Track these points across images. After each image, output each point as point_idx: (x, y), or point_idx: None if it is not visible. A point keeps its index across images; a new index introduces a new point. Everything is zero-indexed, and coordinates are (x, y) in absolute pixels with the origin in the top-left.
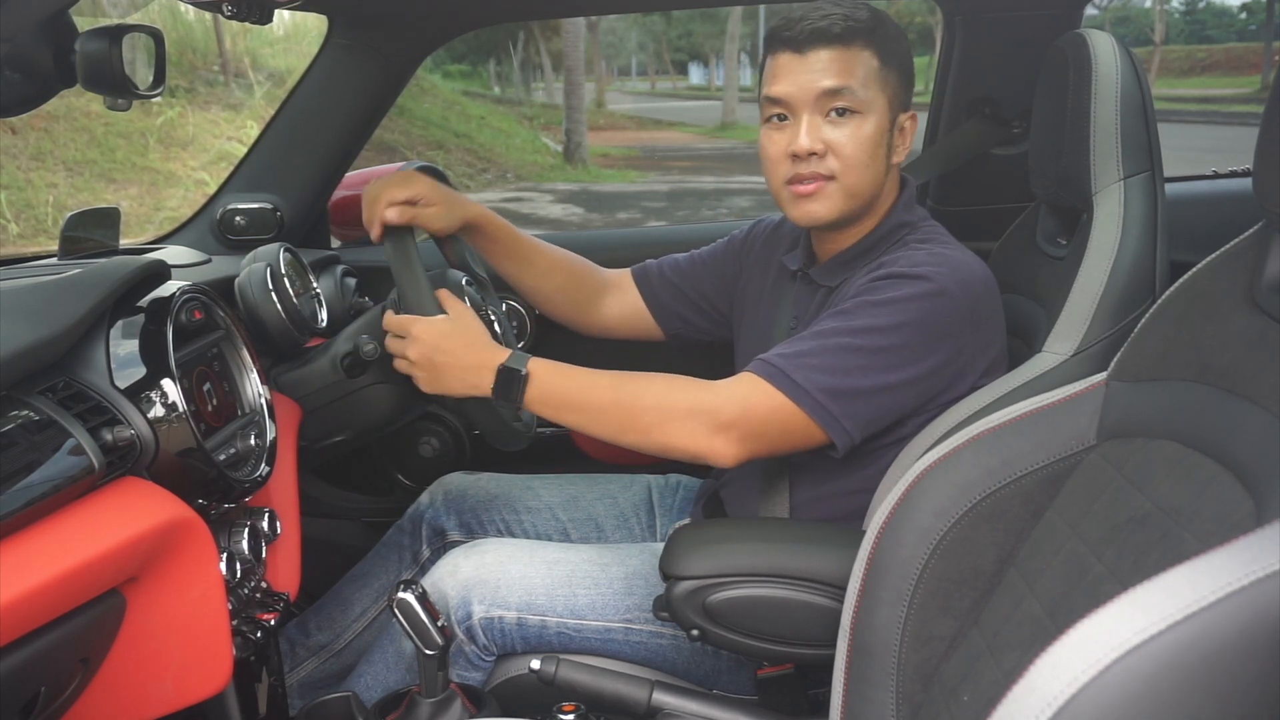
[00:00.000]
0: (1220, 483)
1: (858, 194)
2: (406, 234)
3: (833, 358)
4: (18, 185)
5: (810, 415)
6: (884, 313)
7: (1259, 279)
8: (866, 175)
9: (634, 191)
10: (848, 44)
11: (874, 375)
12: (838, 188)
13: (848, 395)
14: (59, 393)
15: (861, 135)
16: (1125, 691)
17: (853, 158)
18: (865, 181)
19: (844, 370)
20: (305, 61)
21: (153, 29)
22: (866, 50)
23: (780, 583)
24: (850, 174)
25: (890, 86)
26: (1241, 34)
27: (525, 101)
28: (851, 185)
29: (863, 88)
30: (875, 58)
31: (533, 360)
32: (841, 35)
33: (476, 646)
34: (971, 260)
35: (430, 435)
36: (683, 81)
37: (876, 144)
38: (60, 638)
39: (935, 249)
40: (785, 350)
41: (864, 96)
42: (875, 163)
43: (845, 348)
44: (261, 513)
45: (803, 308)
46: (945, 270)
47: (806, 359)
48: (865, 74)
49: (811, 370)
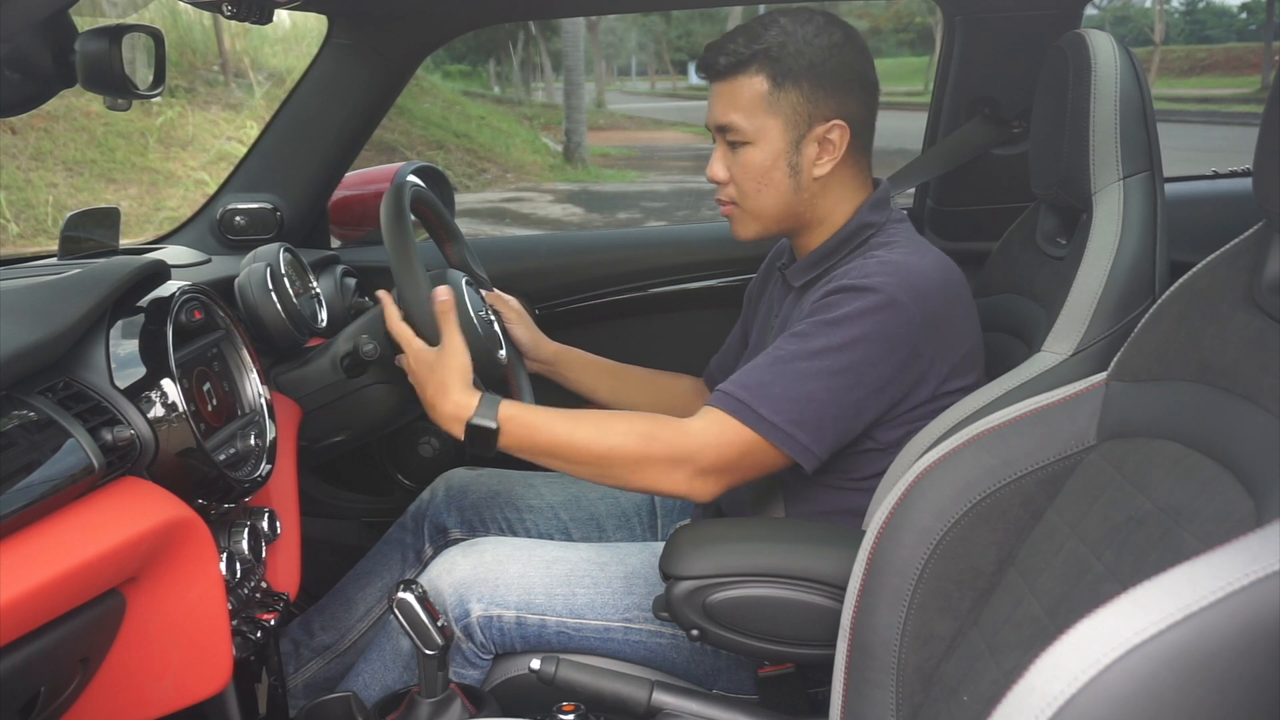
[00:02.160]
0: (1220, 483)
1: (762, 213)
2: (406, 233)
3: (794, 385)
4: (18, 185)
5: (779, 446)
6: (837, 332)
7: (1259, 279)
8: (765, 198)
9: (634, 191)
10: (732, 77)
11: (836, 397)
12: (742, 212)
13: (813, 422)
14: (59, 393)
15: (751, 164)
16: (1125, 691)
17: (744, 185)
18: (765, 203)
19: (807, 397)
20: (305, 61)
21: (153, 29)
22: (757, 77)
23: (780, 583)
24: (747, 199)
25: (787, 107)
26: (1241, 34)
27: (525, 101)
28: (752, 208)
29: (748, 119)
30: (766, 81)
31: (504, 408)
32: (724, 70)
33: (474, 645)
34: (927, 265)
35: (430, 435)
36: (683, 81)
37: (769, 168)
38: (60, 638)
39: (887, 256)
40: (747, 380)
41: (750, 127)
42: (772, 185)
43: (805, 373)
44: (261, 513)
45: (779, 305)
46: (894, 279)
47: (769, 389)
48: (750, 104)
49: (775, 401)
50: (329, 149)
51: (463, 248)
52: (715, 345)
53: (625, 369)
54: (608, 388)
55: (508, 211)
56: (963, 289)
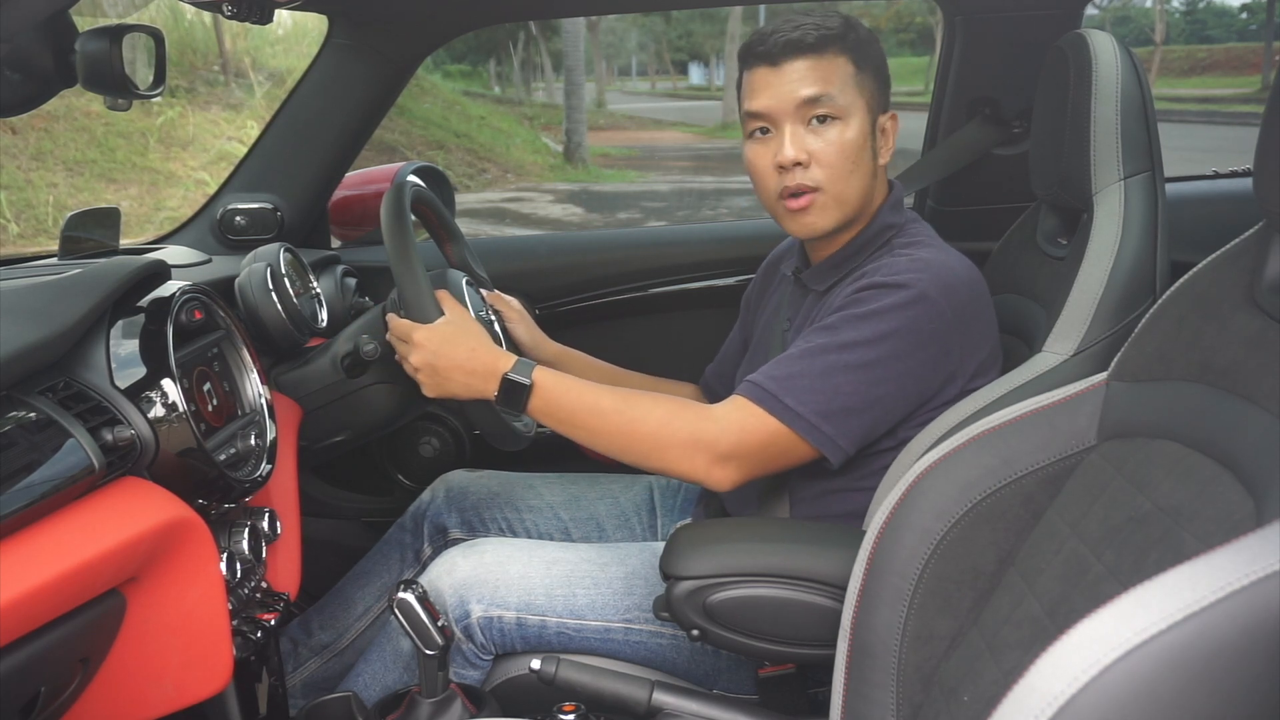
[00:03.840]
0: (1220, 483)
1: (847, 200)
2: (407, 233)
3: (822, 377)
4: (18, 185)
5: (804, 437)
6: (867, 326)
7: (1259, 279)
8: (853, 180)
9: (634, 191)
10: (821, 52)
11: (864, 390)
12: (827, 198)
13: (840, 414)
14: (59, 393)
15: (844, 140)
16: (1125, 691)
17: (837, 164)
18: (853, 187)
19: (834, 390)
20: (305, 61)
21: (153, 29)
22: (841, 57)
23: (780, 583)
24: (836, 181)
25: (868, 90)
26: (1241, 34)
27: (525, 101)
28: (839, 192)
29: (841, 93)
30: (850, 63)
31: (538, 370)
32: (815, 45)
33: (474, 645)
34: (955, 262)
35: (430, 435)
36: (683, 81)
37: (860, 147)
38: (60, 638)
39: (917, 253)
40: (775, 372)
41: (843, 102)
42: (860, 166)
43: (834, 366)
44: (261, 513)
45: (795, 309)
46: (926, 276)
47: (796, 380)
48: (842, 80)
49: (803, 392)
50: (329, 149)
51: (463, 248)
52: (716, 345)
53: (625, 375)
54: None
55: (508, 211)
56: (985, 288)
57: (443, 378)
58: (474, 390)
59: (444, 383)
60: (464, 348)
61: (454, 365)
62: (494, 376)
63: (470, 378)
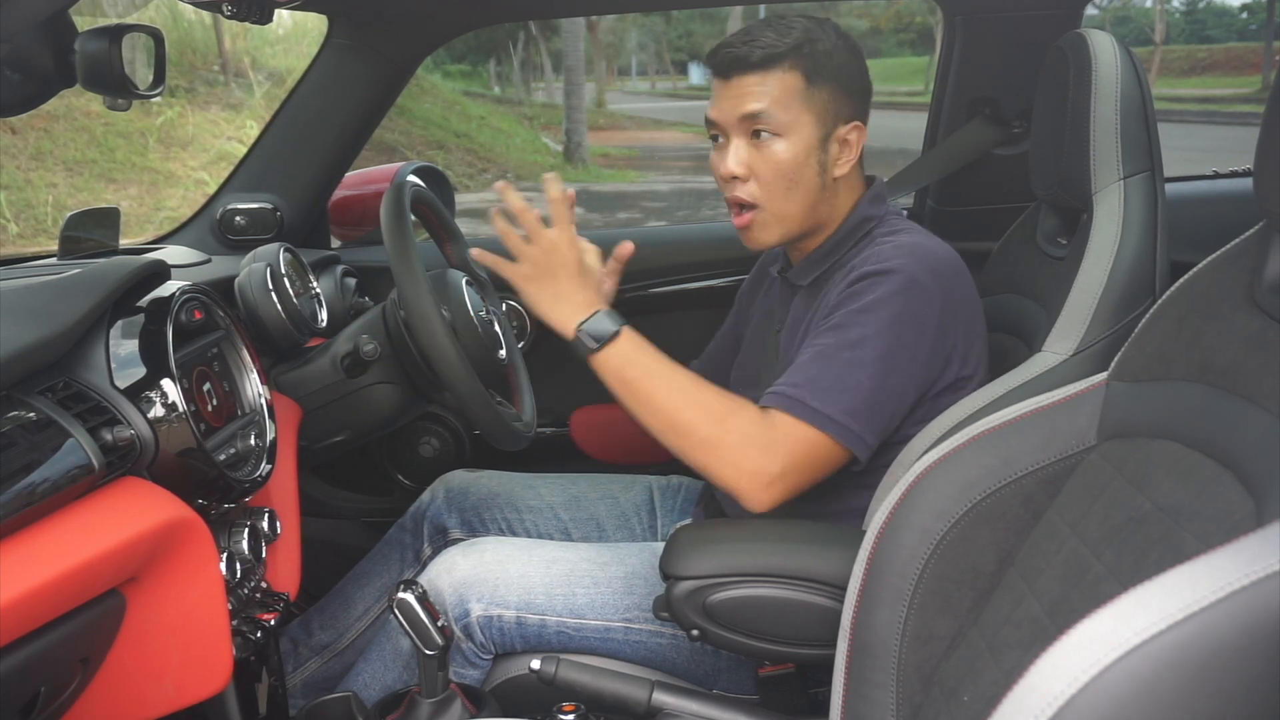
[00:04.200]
0: (1221, 483)
1: (787, 216)
2: (407, 233)
3: (841, 377)
4: (18, 185)
5: (837, 439)
6: (871, 319)
7: (1259, 279)
8: (792, 197)
9: (634, 191)
10: (767, 69)
11: (881, 382)
12: (766, 215)
13: (864, 410)
14: (59, 393)
15: (782, 158)
16: (1125, 691)
17: (773, 182)
18: (792, 203)
19: (856, 387)
20: (305, 61)
21: (153, 29)
22: (791, 73)
23: (780, 583)
24: (774, 199)
25: (819, 104)
26: (1241, 34)
27: (525, 101)
28: (778, 209)
29: (783, 110)
30: (800, 78)
31: (627, 328)
32: (759, 62)
33: (474, 644)
34: (935, 245)
35: (430, 435)
36: (683, 81)
37: (800, 164)
38: (60, 638)
39: (899, 239)
40: (795, 379)
41: (784, 119)
42: (801, 183)
43: (849, 363)
44: (261, 513)
45: (784, 309)
46: (913, 260)
47: (818, 384)
48: (786, 97)
49: (827, 394)
50: (329, 149)
51: (463, 248)
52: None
53: None
54: None
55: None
56: (965, 269)
57: (543, 283)
58: (558, 312)
59: (539, 288)
60: (577, 271)
61: (563, 275)
62: (589, 306)
63: (564, 298)
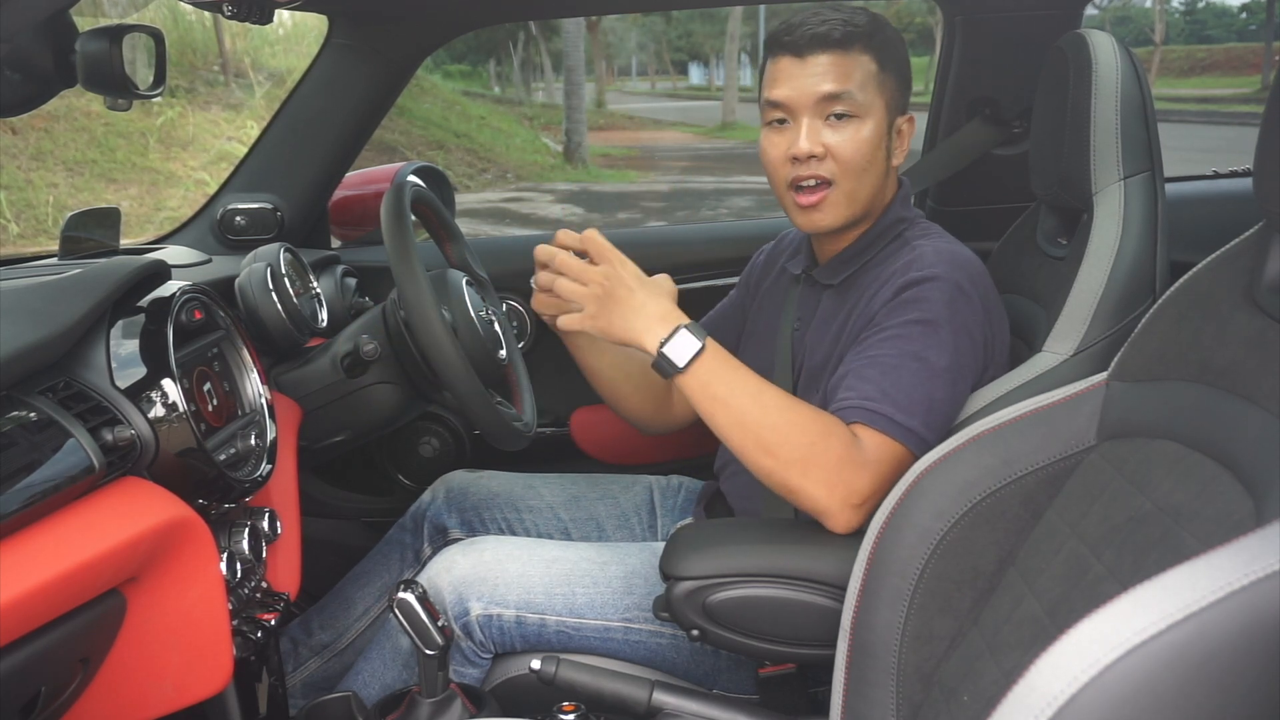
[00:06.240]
0: (1220, 483)
1: (858, 198)
2: (407, 233)
3: (917, 388)
4: (18, 185)
5: (915, 451)
6: (931, 329)
7: (1259, 279)
8: (865, 179)
9: (634, 191)
10: (847, 49)
11: (949, 393)
12: (839, 194)
13: (938, 423)
14: (59, 393)
15: (860, 138)
16: (1125, 691)
17: (851, 161)
18: (864, 185)
19: (929, 397)
20: (305, 61)
21: (153, 29)
22: (865, 55)
23: (780, 583)
24: (849, 178)
25: (888, 90)
26: (1241, 34)
27: (525, 101)
28: (851, 189)
29: (861, 92)
30: (874, 62)
31: (711, 341)
32: (841, 40)
33: (473, 643)
34: (968, 252)
35: (430, 435)
36: (683, 81)
37: (875, 147)
38: (60, 638)
39: (937, 243)
40: (868, 392)
41: (862, 100)
42: (874, 166)
43: (918, 373)
44: (261, 513)
45: (806, 309)
46: (954, 267)
47: (893, 397)
48: (863, 78)
49: (905, 407)
50: (329, 149)
51: (463, 248)
52: None
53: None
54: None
55: (508, 211)
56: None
57: (612, 307)
58: (636, 330)
59: (610, 312)
60: (651, 289)
61: (631, 298)
62: (669, 322)
63: (642, 317)
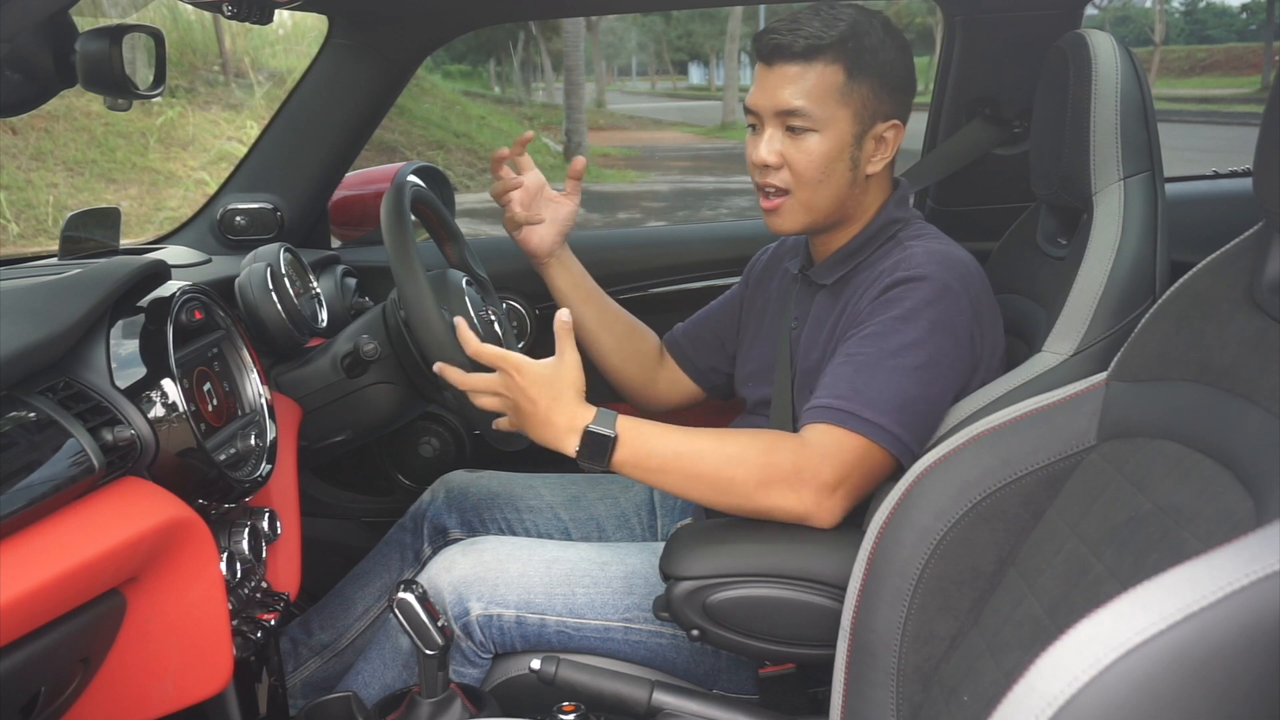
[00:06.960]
0: (1220, 483)
1: (816, 206)
2: (407, 233)
3: (888, 386)
4: (18, 185)
5: (888, 449)
6: (911, 327)
7: (1259, 279)
8: (823, 189)
9: (634, 191)
10: (809, 60)
11: (924, 391)
12: (795, 202)
13: (912, 420)
14: (59, 393)
15: (815, 152)
16: (1125, 691)
17: (805, 174)
18: (822, 196)
19: (903, 397)
20: (305, 61)
21: (153, 29)
22: (832, 65)
23: (780, 583)
24: (804, 189)
25: (858, 99)
26: (1241, 34)
27: (525, 101)
28: (806, 200)
29: (819, 106)
30: (841, 72)
31: (622, 420)
32: (802, 53)
33: (473, 643)
34: (961, 253)
35: (430, 435)
36: (683, 81)
37: (833, 159)
38: (60, 638)
39: (928, 245)
40: (840, 390)
41: (820, 114)
42: (832, 178)
43: (893, 372)
44: (261, 513)
45: (803, 308)
46: (943, 267)
47: (865, 394)
48: (823, 91)
49: (875, 404)
50: (329, 149)
51: (463, 248)
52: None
53: (610, 303)
54: (595, 308)
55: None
56: (986, 280)
57: (523, 421)
58: (551, 443)
59: (523, 424)
60: (548, 394)
61: (535, 410)
62: (574, 432)
63: (549, 429)
